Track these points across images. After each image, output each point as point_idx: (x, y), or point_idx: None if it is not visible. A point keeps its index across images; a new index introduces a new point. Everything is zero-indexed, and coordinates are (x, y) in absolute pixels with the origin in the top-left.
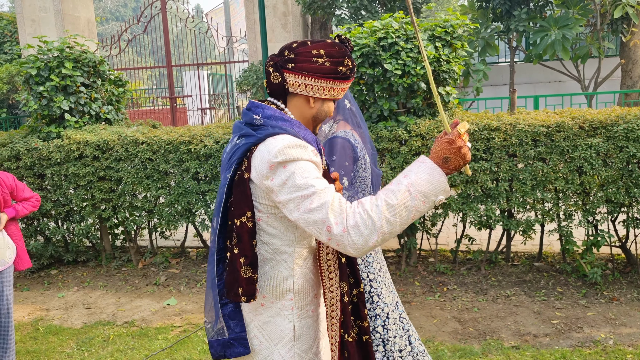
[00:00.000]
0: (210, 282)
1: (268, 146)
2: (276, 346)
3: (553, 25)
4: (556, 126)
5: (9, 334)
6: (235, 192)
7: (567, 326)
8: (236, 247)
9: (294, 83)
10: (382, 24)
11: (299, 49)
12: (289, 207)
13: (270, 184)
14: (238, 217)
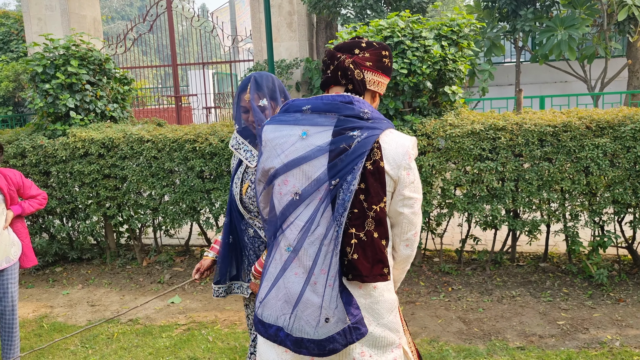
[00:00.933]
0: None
1: (400, 138)
2: (385, 318)
3: (559, 25)
4: (563, 126)
5: (13, 330)
6: (371, 181)
7: (573, 327)
8: (375, 231)
9: (371, 80)
10: (388, 22)
11: (370, 49)
12: (406, 202)
13: (405, 176)
14: (377, 203)
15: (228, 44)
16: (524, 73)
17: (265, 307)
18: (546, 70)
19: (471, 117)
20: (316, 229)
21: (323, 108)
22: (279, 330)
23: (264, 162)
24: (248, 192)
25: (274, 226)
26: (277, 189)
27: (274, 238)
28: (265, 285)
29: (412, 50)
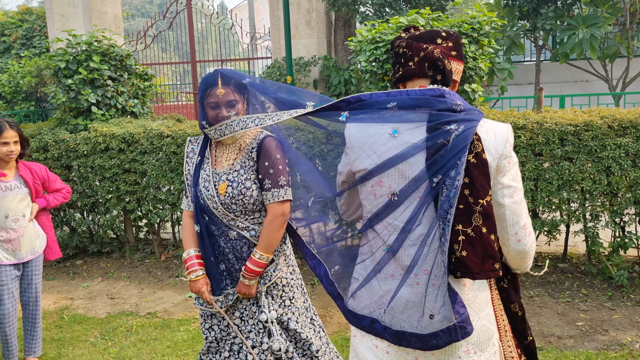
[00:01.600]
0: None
1: (497, 127)
2: (484, 311)
3: (581, 23)
4: (584, 125)
5: (36, 322)
6: (475, 174)
7: (592, 328)
8: (484, 226)
9: (455, 69)
10: (408, 20)
11: (453, 38)
12: (505, 191)
13: (506, 164)
14: (483, 197)
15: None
16: (544, 72)
17: (357, 300)
18: (567, 70)
19: (491, 116)
20: (416, 228)
21: (412, 104)
22: (373, 322)
23: (351, 164)
24: (228, 191)
25: (364, 227)
26: (370, 190)
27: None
28: (359, 278)
29: None
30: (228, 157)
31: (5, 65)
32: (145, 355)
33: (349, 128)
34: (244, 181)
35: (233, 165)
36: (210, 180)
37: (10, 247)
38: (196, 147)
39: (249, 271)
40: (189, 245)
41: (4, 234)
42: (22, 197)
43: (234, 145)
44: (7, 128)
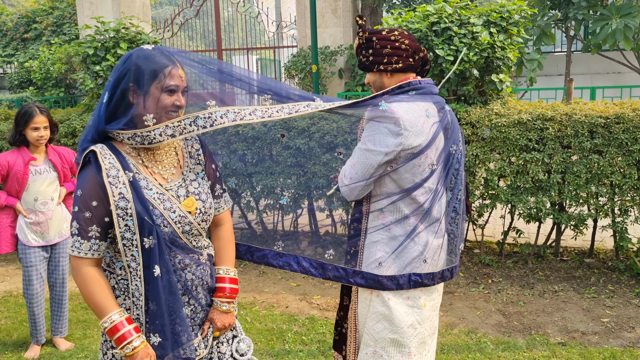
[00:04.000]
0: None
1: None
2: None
3: (615, 13)
4: (615, 117)
5: (63, 303)
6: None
7: (617, 325)
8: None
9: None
10: (435, 8)
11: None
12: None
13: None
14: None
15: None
16: (575, 63)
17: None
18: (598, 61)
19: (518, 107)
20: (441, 189)
21: (428, 90)
22: (411, 276)
23: (404, 143)
24: (199, 207)
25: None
26: (416, 163)
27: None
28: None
29: (459, 37)
30: (167, 164)
31: (36, 52)
32: None
33: (397, 108)
34: (207, 192)
35: (184, 174)
36: (169, 198)
37: (39, 230)
38: (112, 159)
39: (233, 292)
40: (110, 307)
41: (33, 217)
42: (51, 180)
43: (168, 149)
44: (38, 113)
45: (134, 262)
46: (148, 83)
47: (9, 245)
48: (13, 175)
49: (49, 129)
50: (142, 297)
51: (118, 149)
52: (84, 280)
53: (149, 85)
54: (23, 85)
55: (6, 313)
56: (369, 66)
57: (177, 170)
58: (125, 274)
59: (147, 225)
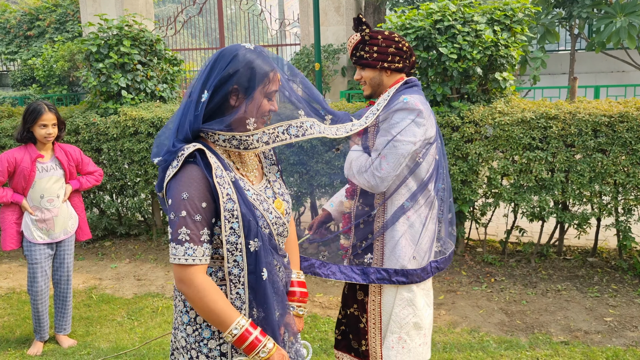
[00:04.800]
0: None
1: None
2: None
3: (619, 11)
4: (619, 116)
5: (66, 299)
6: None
7: (620, 324)
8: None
9: None
10: (439, 6)
11: None
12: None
13: None
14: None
15: (275, 27)
16: (579, 62)
17: (419, 257)
18: (602, 59)
19: (522, 105)
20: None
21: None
22: (430, 264)
23: (426, 132)
24: (286, 209)
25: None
26: (432, 153)
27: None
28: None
29: (462, 35)
30: (251, 166)
31: (39, 49)
32: (170, 336)
33: (417, 101)
34: (287, 192)
35: (266, 175)
36: (265, 199)
37: (45, 227)
38: (214, 159)
39: (304, 295)
40: (234, 313)
41: (39, 214)
42: (57, 178)
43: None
44: (46, 111)
45: (236, 268)
46: (255, 87)
47: (15, 242)
48: (20, 172)
49: (57, 126)
50: (246, 306)
51: (213, 149)
52: (202, 289)
53: (255, 89)
54: (26, 82)
55: (9, 310)
56: (372, 63)
57: (259, 172)
58: (219, 282)
59: (252, 227)
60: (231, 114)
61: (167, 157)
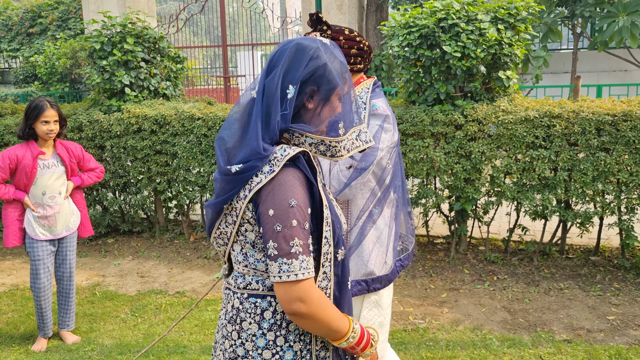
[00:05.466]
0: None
1: None
2: None
3: (622, 11)
4: (623, 115)
5: (70, 296)
6: None
7: (623, 323)
8: None
9: None
10: (442, 4)
11: None
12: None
13: None
14: None
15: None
16: (581, 60)
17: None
18: (605, 58)
19: (525, 104)
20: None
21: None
22: (395, 265)
23: (392, 137)
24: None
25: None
26: (396, 155)
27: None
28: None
29: (466, 33)
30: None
31: (41, 46)
32: (173, 332)
33: (383, 103)
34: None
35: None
36: (337, 205)
37: (47, 224)
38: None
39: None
40: (345, 319)
41: (41, 211)
42: (59, 175)
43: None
44: (48, 107)
45: (325, 280)
46: (335, 88)
47: (17, 238)
48: (22, 169)
49: (59, 123)
50: None
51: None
52: (321, 301)
53: (334, 90)
54: (28, 80)
55: (13, 306)
56: None
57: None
58: None
59: (340, 235)
60: (312, 116)
61: (256, 163)
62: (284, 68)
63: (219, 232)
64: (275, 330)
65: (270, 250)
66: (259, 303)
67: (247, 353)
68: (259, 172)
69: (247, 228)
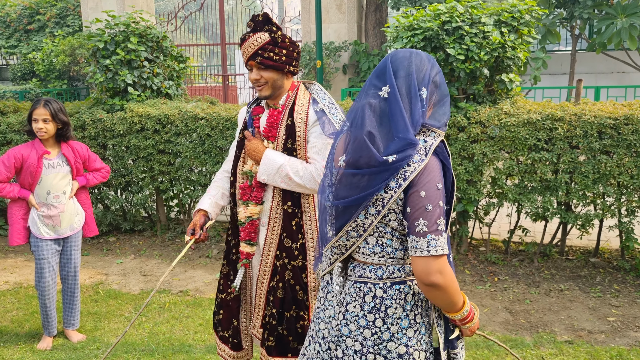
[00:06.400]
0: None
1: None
2: None
3: (620, 12)
4: (624, 118)
5: (74, 295)
6: None
7: (623, 324)
8: None
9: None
10: (447, 7)
11: None
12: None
13: None
14: None
15: None
16: (579, 62)
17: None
18: (603, 60)
19: (527, 107)
20: None
21: None
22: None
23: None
24: None
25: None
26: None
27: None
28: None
29: (470, 36)
30: None
31: (39, 43)
32: (178, 331)
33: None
34: None
35: None
36: None
37: (51, 223)
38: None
39: None
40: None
41: (46, 210)
42: (64, 174)
43: None
44: (39, 106)
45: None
46: (447, 90)
47: (22, 237)
48: (27, 168)
49: (52, 122)
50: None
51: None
52: (453, 274)
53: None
54: (26, 77)
55: (17, 304)
56: (280, 65)
57: None
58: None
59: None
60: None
61: (409, 152)
62: (414, 72)
63: (354, 225)
64: (414, 310)
65: (419, 228)
66: (402, 289)
67: (392, 336)
68: (411, 161)
69: (391, 217)
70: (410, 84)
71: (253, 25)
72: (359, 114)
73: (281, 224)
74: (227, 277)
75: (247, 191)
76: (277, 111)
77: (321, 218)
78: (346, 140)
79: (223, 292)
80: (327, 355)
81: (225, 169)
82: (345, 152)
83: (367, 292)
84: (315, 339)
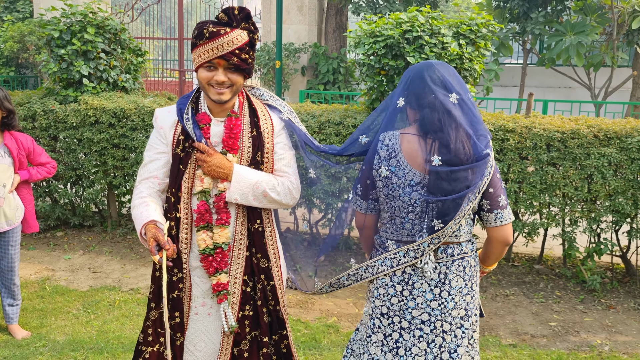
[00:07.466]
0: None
1: None
2: None
3: (569, 30)
4: (571, 133)
5: (11, 290)
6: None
7: (564, 329)
8: None
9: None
10: (408, 16)
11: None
12: None
13: None
14: None
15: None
16: (529, 76)
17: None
18: (551, 75)
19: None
20: None
21: None
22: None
23: None
24: None
25: None
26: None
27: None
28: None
29: (430, 46)
30: None
31: None
32: (128, 330)
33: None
34: None
35: None
36: None
37: None
38: None
39: None
40: None
41: None
42: (6, 167)
43: None
44: None
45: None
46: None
47: None
48: None
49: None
50: None
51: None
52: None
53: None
54: None
55: None
56: (249, 70)
57: None
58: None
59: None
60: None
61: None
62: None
63: (462, 214)
64: (472, 278)
65: (502, 202)
66: (466, 263)
67: (455, 305)
68: (488, 154)
69: (478, 200)
70: (465, 89)
71: (227, 19)
72: (436, 119)
73: (247, 244)
74: (159, 325)
75: (206, 214)
76: (238, 119)
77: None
78: (427, 142)
79: (151, 345)
80: (432, 335)
81: (150, 186)
82: (430, 152)
83: (466, 265)
84: (410, 329)
